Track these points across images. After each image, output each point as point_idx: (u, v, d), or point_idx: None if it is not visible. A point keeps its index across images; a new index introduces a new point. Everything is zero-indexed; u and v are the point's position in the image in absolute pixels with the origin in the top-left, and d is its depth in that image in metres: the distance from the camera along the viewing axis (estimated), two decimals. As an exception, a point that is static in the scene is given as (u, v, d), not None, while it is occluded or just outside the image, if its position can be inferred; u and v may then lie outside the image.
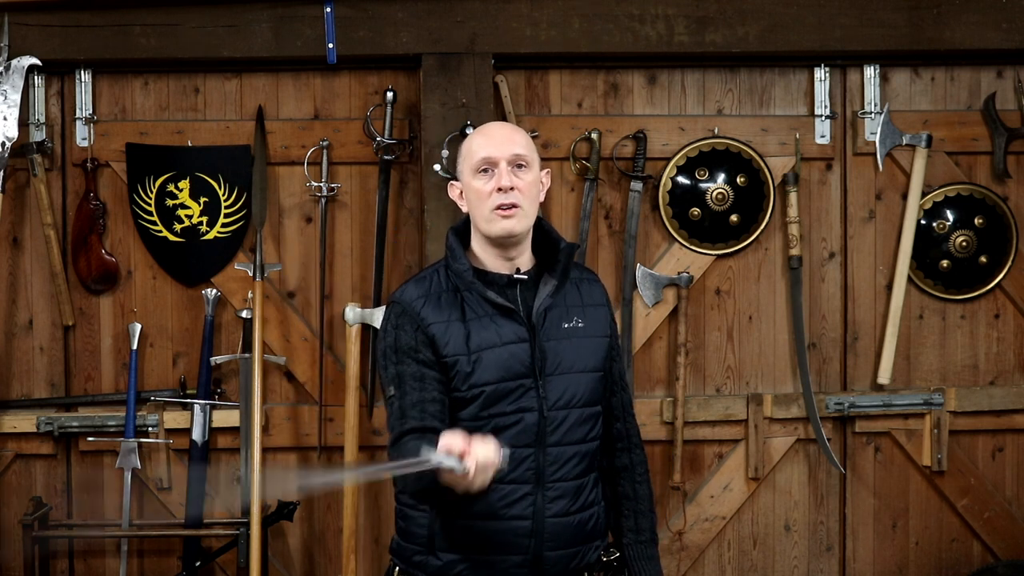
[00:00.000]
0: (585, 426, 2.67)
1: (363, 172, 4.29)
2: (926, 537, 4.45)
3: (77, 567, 4.31)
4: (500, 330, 2.62)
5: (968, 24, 4.21)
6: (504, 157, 2.63)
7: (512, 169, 2.63)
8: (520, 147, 2.65)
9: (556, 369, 2.64)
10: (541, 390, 2.62)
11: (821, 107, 4.34)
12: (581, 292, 2.74)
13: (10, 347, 4.27)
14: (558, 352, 2.65)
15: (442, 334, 2.61)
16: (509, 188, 2.61)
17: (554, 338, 2.65)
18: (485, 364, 2.60)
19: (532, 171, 2.66)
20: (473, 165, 2.65)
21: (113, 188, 4.27)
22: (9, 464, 4.26)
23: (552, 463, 2.62)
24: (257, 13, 4.10)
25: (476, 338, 2.60)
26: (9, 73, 4.06)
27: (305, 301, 4.32)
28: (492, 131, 2.72)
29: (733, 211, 4.32)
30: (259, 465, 4.05)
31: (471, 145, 2.68)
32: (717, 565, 4.43)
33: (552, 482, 2.62)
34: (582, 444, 2.66)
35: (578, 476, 2.66)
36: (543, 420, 2.61)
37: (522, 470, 2.60)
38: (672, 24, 4.17)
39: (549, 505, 2.62)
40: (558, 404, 2.63)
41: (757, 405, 4.34)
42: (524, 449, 2.60)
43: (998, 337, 4.46)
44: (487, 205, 2.62)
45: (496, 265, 2.68)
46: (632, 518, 2.80)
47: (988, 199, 4.39)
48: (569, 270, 2.71)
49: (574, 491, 2.65)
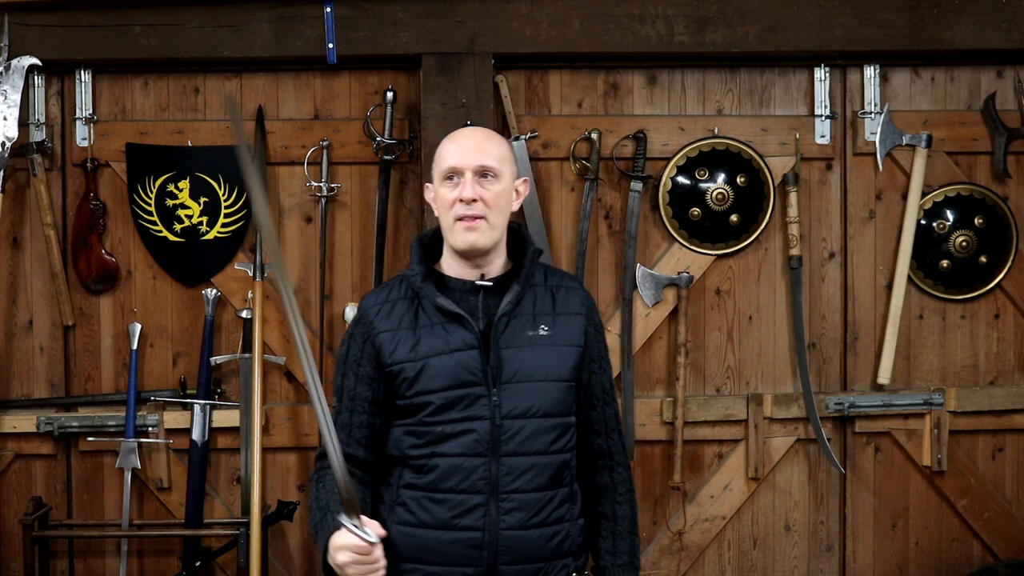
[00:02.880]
0: (546, 437, 2.58)
1: (363, 172, 4.30)
2: (926, 537, 4.45)
3: (77, 567, 4.31)
4: (449, 337, 2.57)
5: (968, 24, 4.21)
6: (470, 167, 2.58)
7: (477, 179, 2.57)
8: (489, 157, 2.59)
9: (514, 377, 2.57)
10: (495, 398, 2.55)
11: (821, 107, 4.34)
12: (555, 299, 2.66)
13: (10, 347, 4.27)
14: (518, 360, 2.58)
15: (389, 342, 2.59)
16: (472, 200, 2.56)
17: (515, 345, 2.58)
18: (431, 371, 2.55)
19: (501, 181, 2.60)
20: (441, 172, 2.61)
21: (113, 188, 4.27)
22: (9, 464, 4.26)
23: (507, 473, 2.55)
24: (257, 13, 4.10)
25: (423, 345, 2.57)
26: (9, 73, 4.06)
27: (305, 301, 4.32)
28: (462, 138, 2.65)
29: (733, 211, 4.32)
30: (259, 465, 4.05)
31: (441, 151, 2.63)
32: (717, 565, 4.43)
33: (507, 493, 2.55)
34: (544, 456, 2.58)
35: (539, 488, 2.57)
36: (496, 429, 2.54)
37: (474, 479, 2.54)
38: (672, 24, 4.17)
39: (504, 517, 2.55)
40: (514, 413, 2.56)
41: (757, 405, 4.34)
42: (476, 459, 2.54)
43: (998, 337, 4.46)
44: (450, 215, 2.58)
45: (462, 272, 2.63)
46: (610, 539, 2.71)
47: (988, 199, 4.39)
48: (531, 276, 2.64)
49: (534, 504, 2.56)
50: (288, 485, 4.31)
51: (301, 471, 4.32)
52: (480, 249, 2.59)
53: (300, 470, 4.32)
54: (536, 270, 2.68)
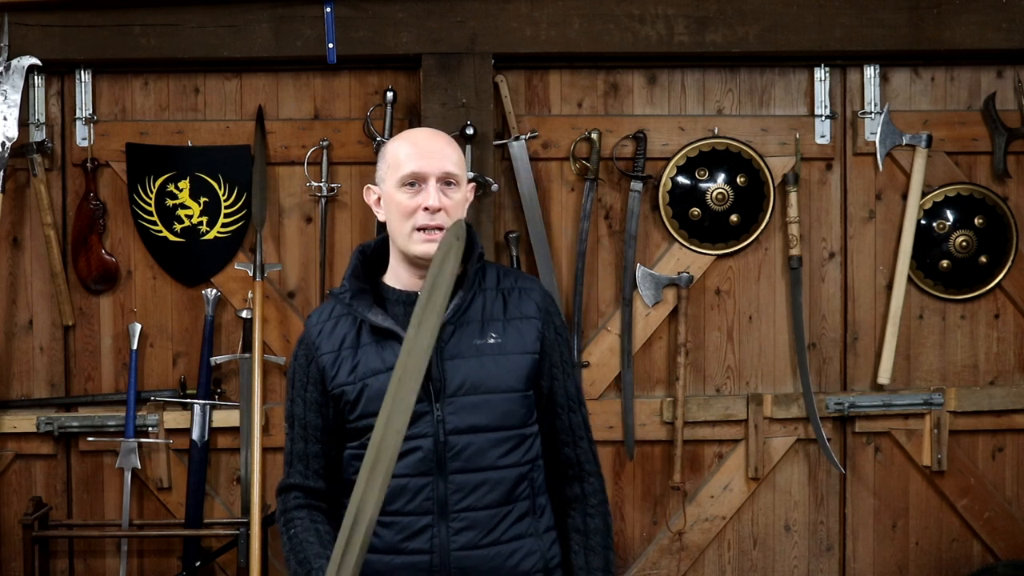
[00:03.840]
0: (496, 451, 2.42)
1: (363, 172, 4.29)
2: (926, 537, 4.45)
3: (77, 567, 4.31)
4: (383, 354, 2.42)
5: (968, 24, 4.21)
6: (435, 174, 2.43)
7: (441, 187, 2.43)
8: (451, 163, 2.45)
9: (460, 390, 2.41)
10: (438, 413, 2.40)
11: (821, 107, 4.34)
12: (508, 303, 2.49)
13: (10, 347, 4.27)
14: (463, 371, 2.41)
15: (330, 365, 2.47)
16: (437, 209, 2.41)
17: (460, 356, 2.42)
18: (370, 393, 2.41)
19: (461, 188, 2.47)
20: (399, 177, 2.44)
21: (113, 188, 4.27)
22: (9, 464, 4.26)
23: (456, 491, 2.40)
24: (257, 13, 4.10)
25: (362, 366, 2.43)
26: (9, 73, 4.06)
27: (305, 301, 4.32)
28: (423, 141, 2.49)
29: (733, 211, 4.32)
30: (259, 465, 4.05)
31: (398, 153, 2.47)
32: (717, 565, 4.43)
33: (457, 512, 2.40)
34: (495, 471, 2.42)
35: (493, 505, 2.42)
36: (441, 446, 2.40)
37: (420, 500, 2.40)
38: (672, 24, 4.17)
39: (455, 537, 2.40)
40: (459, 428, 2.40)
41: (757, 405, 4.34)
42: (421, 478, 2.40)
43: (998, 337, 4.45)
44: (409, 223, 2.43)
45: (409, 282, 2.49)
46: (582, 555, 2.52)
47: (988, 199, 4.39)
48: (480, 280, 2.49)
49: (487, 521, 2.41)
50: (288, 485, 4.31)
51: (301, 471, 4.31)
52: None
53: (300, 470, 4.32)
54: (489, 272, 2.53)
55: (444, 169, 2.44)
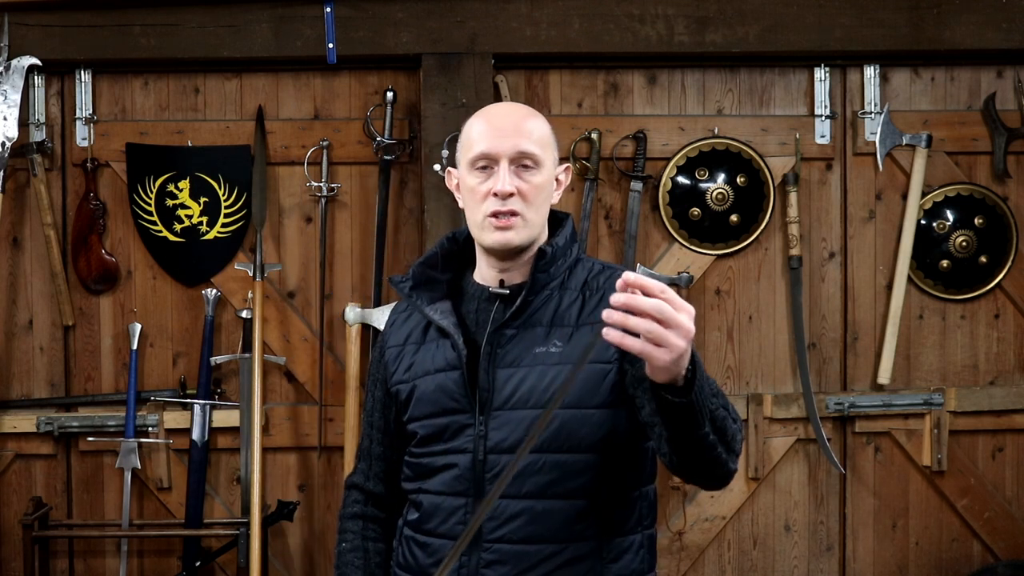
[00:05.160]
0: (547, 476, 2.09)
1: (363, 172, 4.29)
2: (926, 537, 4.45)
3: (77, 567, 4.31)
4: (435, 355, 2.19)
5: (968, 24, 4.21)
6: (507, 154, 2.14)
7: (515, 169, 2.15)
8: (530, 142, 2.15)
9: (507, 403, 2.11)
10: (480, 428, 2.11)
11: (821, 107, 4.34)
12: (585, 307, 2.16)
13: (10, 347, 4.27)
14: (514, 382, 2.11)
15: (393, 360, 2.26)
16: (508, 194, 2.13)
17: (517, 364, 2.12)
18: (418, 395, 2.19)
19: (543, 171, 2.17)
20: (470, 158, 2.18)
21: (113, 188, 4.27)
22: (9, 464, 4.26)
23: (491, 519, 2.10)
24: (257, 13, 4.10)
25: (417, 364, 2.21)
26: (9, 73, 4.06)
27: (305, 301, 4.32)
28: (497, 118, 2.21)
29: (733, 211, 4.32)
30: (259, 465, 4.04)
31: (471, 131, 2.22)
32: (717, 565, 4.43)
33: (490, 542, 2.11)
34: (541, 500, 2.09)
35: (533, 540, 2.10)
36: (479, 465, 2.11)
37: (452, 523, 2.14)
38: (672, 24, 4.17)
39: (484, 571, 2.11)
40: (501, 446, 2.10)
41: (757, 405, 4.34)
42: (456, 498, 2.14)
43: (998, 337, 4.45)
44: (481, 209, 2.15)
45: (488, 276, 2.22)
46: None
47: (988, 199, 4.39)
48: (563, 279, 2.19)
49: (526, 558, 2.09)
50: (288, 485, 4.31)
51: (301, 471, 4.32)
52: (514, 248, 2.16)
53: (300, 470, 4.32)
54: (579, 270, 2.22)
55: (519, 148, 2.15)
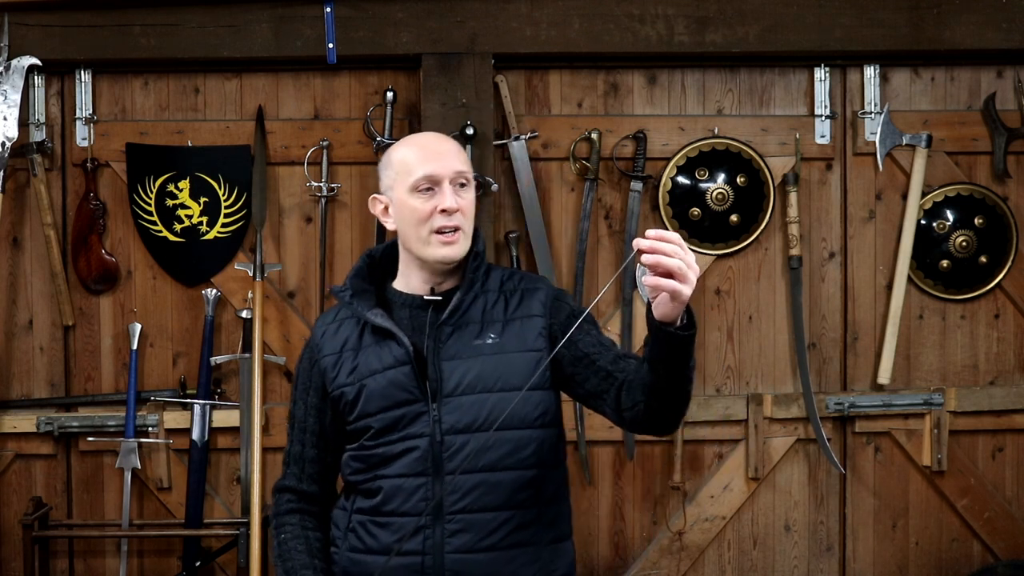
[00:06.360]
0: (497, 451, 2.40)
1: (363, 172, 4.29)
2: (926, 537, 4.45)
3: (77, 567, 4.31)
4: (382, 355, 2.44)
5: (968, 24, 4.21)
6: (448, 175, 2.42)
7: (455, 188, 2.42)
8: (462, 163, 2.46)
9: (456, 390, 2.40)
10: (435, 413, 2.40)
11: (821, 107, 4.34)
12: (508, 305, 2.48)
13: (10, 347, 4.27)
14: (460, 371, 2.41)
15: (332, 367, 2.49)
16: (455, 210, 2.41)
17: (459, 356, 2.42)
18: (368, 393, 2.43)
19: (471, 189, 2.47)
20: (412, 182, 2.42)
21: (113, 188, 4.27)
22: (9, 464, 4.26)
23: (452, 492, 2.38)
24: (257, 13, 4.10)
25: (361, 367, 2.45)
26: (9, 73, 4.06)
27: (305, 301, 4.32)
28: (431, 144, 2.50)
29: (733, 211, 4.32)
30: (259, 465, 4.05)
31: (407, 159, 2.46)
32: (717, 565, 4.43)
33: (453, 514, 2.38)
34: (494, 472, 2.40)
35: (491, 508, 2.40)
36: (437, 446, 2.39)
37: (415, 501, 2.39)
38: (672, 24, 4.17)
39: (449, 540, 2.38)
40: (456, 427, 2.39)
41: (757, 405, 4.34)
42: (417, 478, 2.39)
43: (998, 337, 4.46)
44: (426, 227, 2.42)
45: (417, 285, 2.49)
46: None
47: (988, 199, 4.39)
48: (483, 283, 2.49)
49: (484, 525, 2.39)
50: (288, 485, 4.31)
51: (301, 471, 4.31)
52: (455, 261, 2.46)
53: (300, 470, 4.32)
54: (494, 275, 2.53)
55: (456, 169, 2.44)
